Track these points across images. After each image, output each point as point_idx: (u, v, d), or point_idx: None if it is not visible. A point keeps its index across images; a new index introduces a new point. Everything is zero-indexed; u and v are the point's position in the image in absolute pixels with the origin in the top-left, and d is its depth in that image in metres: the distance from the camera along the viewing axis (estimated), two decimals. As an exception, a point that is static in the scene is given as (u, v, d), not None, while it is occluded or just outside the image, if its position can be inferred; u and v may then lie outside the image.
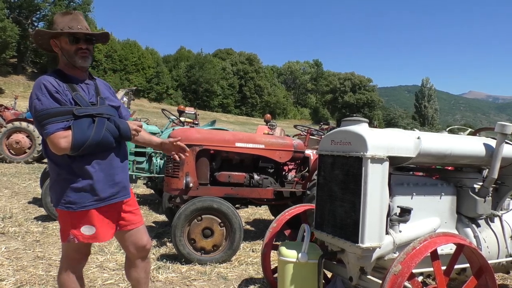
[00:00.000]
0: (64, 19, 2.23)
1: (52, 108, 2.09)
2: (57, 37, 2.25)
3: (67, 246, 2.29)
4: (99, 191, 2.22)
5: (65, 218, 2.23)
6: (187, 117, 11.01)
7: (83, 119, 2.14)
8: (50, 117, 2.08)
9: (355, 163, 2.50)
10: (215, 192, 4.48)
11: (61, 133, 2.08)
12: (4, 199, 6.73)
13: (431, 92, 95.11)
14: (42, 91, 2.10)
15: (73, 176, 2.18)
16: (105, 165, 2.25)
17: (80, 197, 2.18)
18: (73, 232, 2.20)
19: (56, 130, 2.07)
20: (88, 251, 2.40)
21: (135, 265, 2.50)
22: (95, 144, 2.15)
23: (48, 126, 2.07)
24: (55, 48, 2.28)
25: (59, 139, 2.07)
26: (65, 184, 2.19)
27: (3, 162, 11.44)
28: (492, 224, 3.09)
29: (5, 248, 4.20)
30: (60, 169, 2.20)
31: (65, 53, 2.24)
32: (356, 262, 2.55)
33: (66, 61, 2.26)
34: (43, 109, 2.08)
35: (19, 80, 47.43)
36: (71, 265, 2.31)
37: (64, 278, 2.29)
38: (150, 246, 2.54)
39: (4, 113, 13.89)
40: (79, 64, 2.26)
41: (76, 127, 2.10)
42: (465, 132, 4.05)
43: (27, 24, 48.90)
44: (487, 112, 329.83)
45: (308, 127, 7.29)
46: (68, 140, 2.08)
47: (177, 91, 63.29)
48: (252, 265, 4.14)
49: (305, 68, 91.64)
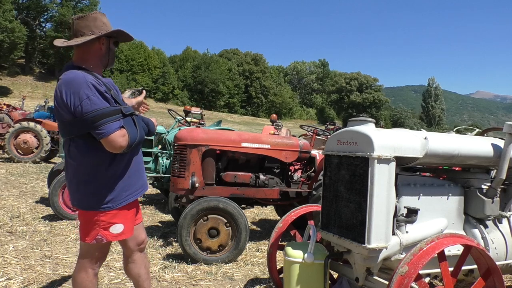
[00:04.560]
0: (107, 21, 2.27)
1: (105, 108, 2.09)
2: (111, 37, 2.29)
3: (89, 246, 2.26)
4: (132, 186, 2.29)
5: (96, 219, 2.20)
6: (193, 117, 11.05)
7: (128, 117, 2.20)
8: (105, 117, 2.07)
9: (362, 163, 2.49)
10: (221, 192, 4.48)
11: (120, 132, 2.11)
12: (12, 199, 6.79)
13: (438, 92, 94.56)
14: (92, 91, 2.07)
15: (112, 175, 2.20)
16: (136, 161, 2.34)
17: (118, 195, 2.21)
18: (103, 232, 2.20)
19: (115, 130, 2.09)
20: (109, 250, 2.41)
21: (134, 261, 2.51)
22: (140, 141, 2.25)
23: (106, 125, 2.07)
24: (100, 45, 2.25)
25: (119, 138, 2.10)
26: (102, 184, 2.18)
27: (11, 162, 11.56)
28: (500, 225, 3.05)
29: (13, 247, 4.23)
30: (96, 170, 2.18)
31: (111, 53, 2.30)
32: (362, 263, 2.54)
33: (103, 61, 2.28)
34: (96, 109, 2.05)
35: (27, 80, 47.83)
36: (91, 264, 2.30)
37: (82, 277, 2.28)
38: (147, 241, 2.61)
39: (12, 113, 14.01)
40: (111, 65, 2.35)
41: (128, 126, 2.16)
42: (472, 132, 4.02)
43: (35, 25, 49.31)
44: (494, 112, 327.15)
45: (314, 127, 7.27)
46: (126, 139, 2.13)
47: (183, 91, 63.49)
48: (258, 265, 4.14)
49: (311, 68, 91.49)
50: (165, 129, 7.76)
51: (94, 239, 2.21)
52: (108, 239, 2.23)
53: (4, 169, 10.04)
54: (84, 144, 2.15)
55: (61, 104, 2.09)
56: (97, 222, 2.20)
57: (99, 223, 2.20)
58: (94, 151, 2.15)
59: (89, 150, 2.15)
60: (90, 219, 2.21)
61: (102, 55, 2.27)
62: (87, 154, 2.15)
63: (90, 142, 2.14)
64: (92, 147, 2.15)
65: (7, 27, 39.92)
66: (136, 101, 2.59)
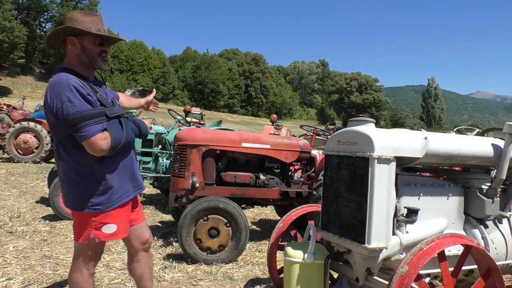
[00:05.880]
0: (88, 19, 2.20)
1: (87, 111, 2.07)
2: (79, 35, 2.20)
3: (83, 246, 2.26)
4: (124, 187, 2.28)
5: (87, 220, 2.20)
6: (193, 117, 11.04)
7: (113, 120, 2.18)
8: (86, 120, 2.06)
9: (362, 163, 2.49)
10: (221, 192, 4.48)
11: (101, 135, 2.10)
12: (12, 199, 6.79)
13: (438, 92, 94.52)
14: (73, 93, 2.06)
15: (101, 177, 2.19)
16: (128, 163, 2.33)
17: (109, 197, 2.20)
18: (95, 232, 2.21)
19: (96, 132, 2.08)
20: (103, 250, 2.41)
21: (138, 260, 2.51)
22: (127, 144, 2.23)
23: (86, 128, 2.06)
24: (72, 45, 2.21)
25: (100, 141, 2.09)
26: (91, 186, 2.18)
27: (11, 162, 11.56)
28: (500, 225, 3.05)
29: (13, 247, 4.23)
30: (85, 171, 2.18)
31: (87, 52, 2.21)
32: (362, 263, 2.54)
33: (84, 61, 2.23)
34: (78, 112, 2.05)
35: (27, 80, 47.83)
36: (85, 264, 2.30)
37: (78, 277, 2.28)
38: (151, 240, 2.59)
39: (12, 113, 14.00)
40: (99, 66, 2.27)
41: (111, 129, 2.15)
42: (472, 132, 4.02)
43: (35, 25, 49.31)
44: (495, 112, 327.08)
45: (314, 127, 7.27)
46: (108, 142, 2.11)
47: (183, 92, 63.47)
48: (258, 265, 4.14)
49: (311, 68, 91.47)
50: (165, 129, 7.76)
51: (86, 239, 2.21)
52: (101, 239, 2.23)
53: (4, 169, 10.04)
54: (71, 145, 2.15)
55: (46, 106, 2.11)
56: (88, 222, 2.20)
57: (91, 223, 2.20)
58: (81, 153, 2.14)
59: (76, 152, 2.15)
60: (82, 220, 2.22)
61: (78, 55, 2.22)
62: (74, 155, 2.16)
63: (76, 144, 2.13)
64: (79, 149, 2.14)
65: (7, 27, 39.92)
66: (145, 100, 2.61)
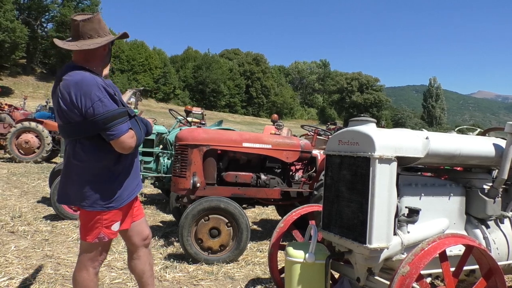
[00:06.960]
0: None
1: (115, 110, 2.13)
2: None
3: (90, 245, 2.27)
4: (132, 185, 2.33)
5: (97, 218, 2.22)
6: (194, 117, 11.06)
7: (133, 119, 2.26)
8: (115, 119, 2.12)
9: (363, 163, 2.49)
10: (222, 192, 4.48)
11: (129, 134, 2.18)
12: (13, 199, 6.80)
13: (439, 92, 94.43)
14: (103, 93, 2.11)
15: (115, 175, 2.24)
16: (136, 161, 2.40)
17: (120, 195, 2.25)
18: (105, 231, 2.24)
19: (125, 131, 2.15)
20: (109, 248, 2.43)
21: (139, 257, 2.52)
22: (141, 142, 2.31)
23: (117, 127, 2.12)
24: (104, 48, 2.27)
25: (129, 140, 2.17)
26: (106, 185, 2.21)
27: (13, 162, 11.57)
28: (501, 225, 3.05)
29: (15, 247, 4.24)
30: (101, 171, 2.21)
31: (109, 54, 2.36)
32: (363, 263, 2.54)
33: (106, 62, 2.34)
34: (108, 111, 2.09)
35: (28, 80, 47.87)
36: (92, 263, 2.30)
37: (83, 276, 2.29)
38: (151, 236, 2.63)
39: (14, 113, 14.02)
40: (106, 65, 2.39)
41: (134, 127, 2.23)
42: (474, 132, 4.01)
43: (36, 25, 49.36)
44: (496, 112, 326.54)
45: (315, 127, 7.26)
46: (135, 140, 2.21)
47: (184, 91, 63.53)
48: (259, 265, 4.14)
49: (312, 68, 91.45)
50: (166, 129, 7.76)
51: (96, 237, 2.23)
52: (110, 237, 2.28)
53: (6, 169, 10.05)
54: (91, 145, 2.17)
55: (69, 105, 2.08)
56: (99, 221, 2.23)
57: (102, 222, 2.23)
58: (100, 152, 2.19)
59: (96, 151, 2.18)
60: (92, 218, 2.23)
61: (104, 56, 2.31)
62: (93, 155, 2.18)
63: (96, 143, 2.17)
64: (99, 148, 2.18)
65: (8, 27, 39.96)
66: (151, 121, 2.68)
